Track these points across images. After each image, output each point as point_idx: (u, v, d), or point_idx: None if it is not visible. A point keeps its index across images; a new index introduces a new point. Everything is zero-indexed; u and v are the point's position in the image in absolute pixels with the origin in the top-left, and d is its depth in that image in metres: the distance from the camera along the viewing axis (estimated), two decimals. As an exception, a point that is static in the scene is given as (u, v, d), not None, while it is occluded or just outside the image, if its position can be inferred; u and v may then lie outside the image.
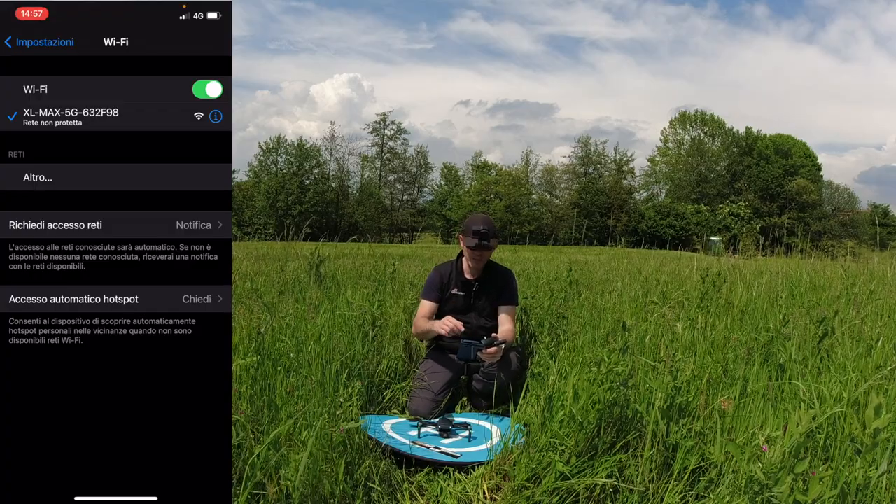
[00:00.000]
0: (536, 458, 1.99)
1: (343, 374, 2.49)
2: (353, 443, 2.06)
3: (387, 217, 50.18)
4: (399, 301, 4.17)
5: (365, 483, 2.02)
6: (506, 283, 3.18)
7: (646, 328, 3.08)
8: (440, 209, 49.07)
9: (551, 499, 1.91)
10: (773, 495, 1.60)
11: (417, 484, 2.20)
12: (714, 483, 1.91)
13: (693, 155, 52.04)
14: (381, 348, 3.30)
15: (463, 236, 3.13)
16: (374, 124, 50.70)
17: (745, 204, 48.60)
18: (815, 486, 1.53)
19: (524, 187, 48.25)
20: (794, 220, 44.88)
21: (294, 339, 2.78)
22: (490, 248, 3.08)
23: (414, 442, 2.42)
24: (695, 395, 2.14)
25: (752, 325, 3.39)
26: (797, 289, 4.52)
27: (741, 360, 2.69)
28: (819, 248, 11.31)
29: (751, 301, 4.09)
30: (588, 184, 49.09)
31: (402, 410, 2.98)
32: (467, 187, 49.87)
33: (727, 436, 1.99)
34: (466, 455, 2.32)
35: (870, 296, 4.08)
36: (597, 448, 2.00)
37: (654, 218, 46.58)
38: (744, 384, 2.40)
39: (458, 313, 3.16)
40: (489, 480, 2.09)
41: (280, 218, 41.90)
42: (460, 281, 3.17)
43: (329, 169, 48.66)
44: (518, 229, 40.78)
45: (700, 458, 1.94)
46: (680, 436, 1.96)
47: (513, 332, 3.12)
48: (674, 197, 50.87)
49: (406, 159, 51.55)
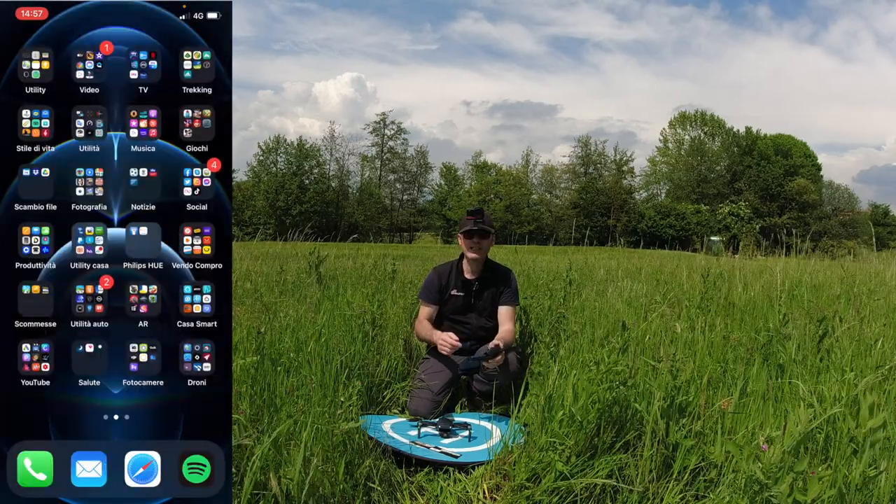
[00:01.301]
0: (536, 458, 1.99)
1: (343, 374, 2.49)
2: (353, 443, 2.06)
3: (387, 217, 50.20)
4: (399, 301, 4.17)
5: (365, 483, 2.02)
6: (506, 282, 3.18)
7: (645, 328, 3.09)
8: (440, 209, 49.08)
9: (551, 498, 1.91)
10: (773, 495, 1.60)
11: (417, 484, 2.20)
12: (714, 483, 1.91)
13: (693, 155, 52.05)
14: (381, 348, 3.31)
15: (460, 231, 3.13)
16: (375, 124, 50.82)
17: (746, 204, 48.60)
18: (815, 486, 1.53)
19: (524, 187, 48.28)
20: (795, 220, 44.86)
21: (294, 339, 2.78)
22: (486, 234, 3.07)
23: (414, 442, 2.42)
24: (695, 395, 2.14)
25: (752, 324, 3.39)
26: (797, 289, 4.53)
27: (741, 360, 2.69)
28: (819, 249, 11.30)
29: (750, 301, 4.09)
30: (588, 184, 49.10)
31: (402, 410, 2.98)
32: (467, 187, 49.89)
33: (727, 435, 1.99)
34: (466, 455, 2.32)
35: (869, 296, 4.08)
36: (596, 448, 2.00)
37: (654, 218, 46.58)
38: (744, 384, 2.40)
39: (459, 313, 3.17)
40: (489, 480, 2.09)
41: (280, 218, 41.94)
42: (460, 281, 3.17)
43: (329, 169, 48.74)
44: (518, 229, 40.79)
45: (700, 458, 1.94)
46: (680, 435, 1.96)
47: (513, 332, 3.12)
48: (674, 197, 50.88)
49: (406, 159, 51.62)
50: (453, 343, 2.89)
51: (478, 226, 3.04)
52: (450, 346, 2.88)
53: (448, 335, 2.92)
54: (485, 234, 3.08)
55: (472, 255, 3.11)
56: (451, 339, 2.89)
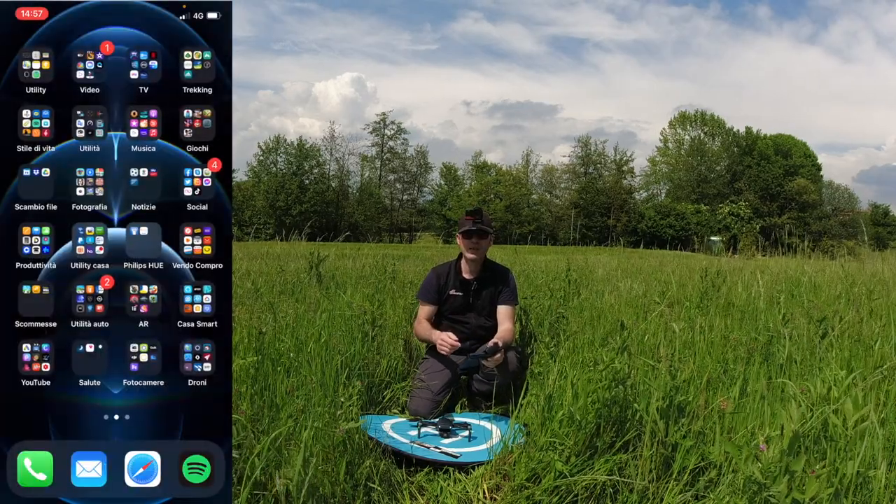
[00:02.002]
0: (536, 458, 1.99)
1: (343, 374, 2.49)
2: (353, 443, 2.06)
3: (387, 217, 50.19)
4: (399, 301, 4.18)
5: (365, 483, 2.02)
6: (504, 282, 3.19)
7: (645, 327, 3.09)
8: (440, 209, 49.08)
9: (551, 498, 1.91)
10: (772, 494, 1.60)
11: (417, 484, 2.20)
12: (713, 483, 1.91)
13: (693, 155, 52.04)
14: (381, 348, 3.31)
15: (458, 231, 3.13)
16: (375, 124, 50.79)
17: (746, 204, 48.61)
18: (812, 485, 1.53)
19: (524, 187, 48.28)
20: (795, 220, 44.84)
21: (294, 338, 2.79)
22: (484, 234, 3.07)
23: (414, 442, 2.42)
24: (694, 395, 2.14)
25: (751, 324, 3.39)
26: (797, 289, 4.53)
27: (741, 360, 2.69)
28: (819, 248, 11.30)
29: (750, 301, 4.09)
30: (588, 184, 49.09)
31: (402, 410, 2.98)
32: (467, 187, 49.89)
33: (726, 435, 1.99)
34: (466, 455, 2.32)
35: (869, 296, 4.08)
36: (596, 447, 2.00)
37: (654, 218, 46.58)
38: (743, 384, 2.40)
39: (458, 313, 3.17)
40: (489, 480, 2.10)
41: (280, 218, 41.94)
42: (459, 281, 3.18)
43: (329, 169, 48.73)
44: (518, 229, 40.79)
45: (699, 458, 1.94)
46: (679, 435, 1.96)
47: (512, 331, 3.13)
48: (674, 197, 50.88)
49: (406, 159, 51.59)
50: (452, 343, 2.89)
51: (476, 226, 3.05)
52: (449, 346, 2.89)
53: (447, 335, 2.92)
54: (483, 235, 3.09)
55: (470, 256, 3.12)
56: (451, 339, 2.89)
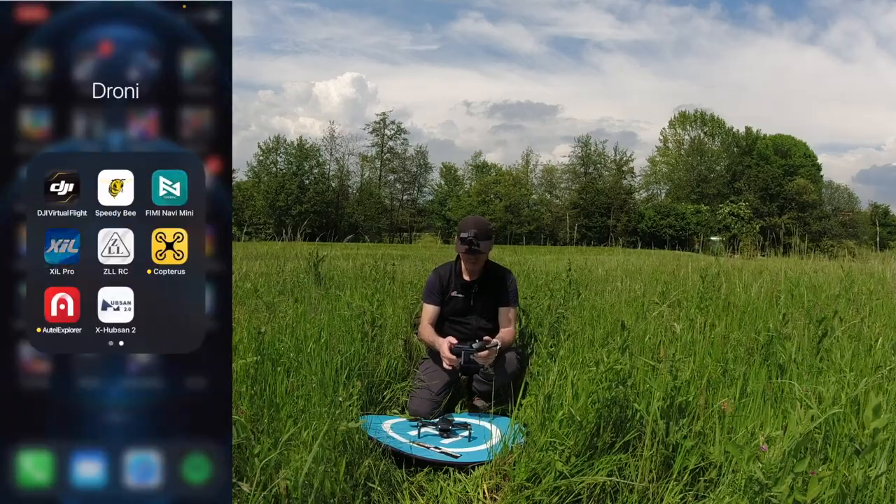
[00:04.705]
0: (536, 458, 1.99)
1: (343, 374, 2.49)
2: (353, 443, 2.06)
3: (386, 217, 50.21)
4: (399, 301, 4.17)
5: (365, 483, 2.02)
6: (505, 283, 3.18)
7: (645, 327, 3.09)
8: (440, 209, 49.09)
9: (551, 498, 1.91)
10: (773, 495, 1.60)
11: (417, 484, 2.20)
12: (714, 483, 1.91)
13: (693, 155, 52.05)
14: (381, 348, 3.31)
15: (457, 239, 3.13)
16: (374, 124, 50.83)
17: (745, 204, 48.61)
18: (815, 486, 1.53)
19: (524, 187, 48.27)
20: (794, 219, 44.84)
21: (294, 339, 2.78)
22: (481, 253, 3.07)
23: (414, 442, 2.42)
24: (694, 395, 2.14)
25: (751, 325, 3.39)
26: (797, 289, 4.53)
27: (741, 360, 2.69)
28: (819, 249, 11.31)
29: (750, 301, 4.09)
30: (588, 184, 49.10)
31: (402, 410, 2.98)
32: (467, 187, 49.90)
33: (727, 436, 1.99)
34: (466, 455, 2.32)
35: (869, 296, 4.08)
36: (596, 448, 2.00)
37: (653, 218, 46.58)
38: (744, 384, 2.40)
39: (458, 315, 3.16)
40: (489, 480, 2.10)
41: (280, 218, 41.95)
42: (459, 283, 3.17)
43: (329, 169, 48.74)
44: (518, 229, 40.78)
45: (700, 458, 1.94)
46: (680, 436, 1.96)
47: (513, 332, 3.12)
48: (674, 197, 50.89)
49: (406, 159, 51.63)
50: (452, 362, 2.89)
51: (473, 252, 3.02)
52: (448, 364, 2.89)
53: (452, 357, 2.90)
54: (479, 253, 3.08)
55: (468, 266, 3.12)
56: (456, 360, 2.87)
